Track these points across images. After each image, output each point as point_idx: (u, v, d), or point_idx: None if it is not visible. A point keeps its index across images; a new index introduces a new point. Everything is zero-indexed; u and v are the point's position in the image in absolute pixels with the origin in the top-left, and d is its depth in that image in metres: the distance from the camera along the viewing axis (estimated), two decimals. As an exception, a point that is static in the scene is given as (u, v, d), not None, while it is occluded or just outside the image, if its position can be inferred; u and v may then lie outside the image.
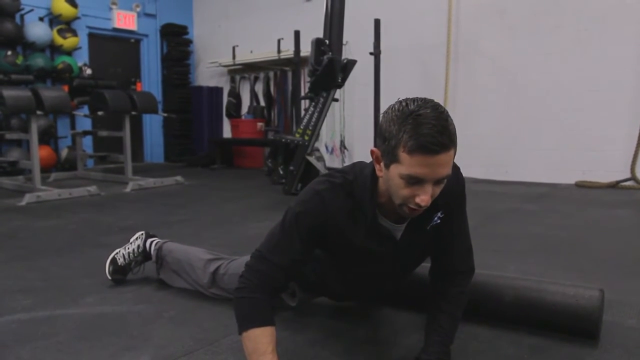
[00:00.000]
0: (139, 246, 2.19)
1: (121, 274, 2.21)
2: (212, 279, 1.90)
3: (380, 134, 1.21)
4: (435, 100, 1.20)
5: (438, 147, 1.12)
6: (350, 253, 1.43)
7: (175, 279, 2.09)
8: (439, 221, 1.41)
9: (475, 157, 5.72)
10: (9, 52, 6.41)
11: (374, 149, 1.26)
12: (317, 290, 1.75)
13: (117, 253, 2.22)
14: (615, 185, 4.99)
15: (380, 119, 1.22)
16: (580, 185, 5.16)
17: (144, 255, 2.19)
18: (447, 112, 1.17)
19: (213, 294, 1.94)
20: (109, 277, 2.19)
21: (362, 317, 1.85)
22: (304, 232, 1.35)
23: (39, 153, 5.05)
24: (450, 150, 1.15)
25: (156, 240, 2.20)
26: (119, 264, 2.19)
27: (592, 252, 2.73)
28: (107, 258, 2.22)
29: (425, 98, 1.20)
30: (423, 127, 1.12)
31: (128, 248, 2.21)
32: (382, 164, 1.24)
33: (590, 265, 2.47)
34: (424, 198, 1.19)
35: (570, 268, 2.42)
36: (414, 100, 1.19)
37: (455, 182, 1.39)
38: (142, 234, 2.24)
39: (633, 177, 4.96)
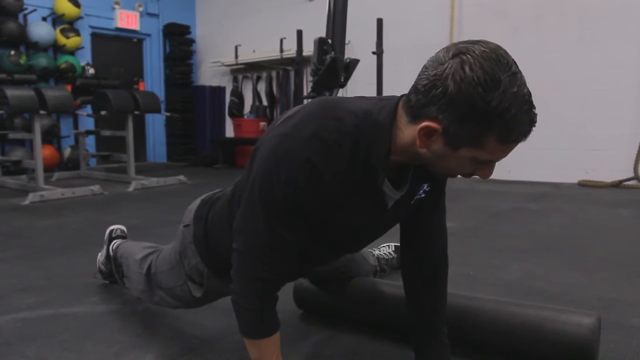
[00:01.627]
0: (105, 256, 2.05)
1: (111, 277, 2.09)
2: (147, 281, 1.64)
3: (454, 103, 0.92)
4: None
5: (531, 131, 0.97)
6: (331, 222, 1.16)
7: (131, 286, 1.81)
8: (423, 195, 1.22)
9: (478, 157, 5.72)
10: (12, 52, 6.42)
11: (432, 124, 0.96)
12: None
13: (98, 260, 2.13)
14: (618, 185, 4.98)
15: (447, 70, 0.93)
16: (583, 184, 5.16)
17: (110, 262, 2.01)
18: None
19: (158, 302, 1.66)
20: (105, 282, 2.17)
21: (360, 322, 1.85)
22: (296, 209, 1.07)
23: (42, 152, 5.07)
24: None
25: (116, 243, 1.98)
26: (104, 271, 2.11)
27: (595, 252, 2.73)
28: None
29: (494, 48, 0.96)
30: (525, 113, 0.94)
31: (103, 254, 2.10)
32: (437, 140, 0.98)
33: (593, 265, 2.47)
34: (488, 173, 1.03)
35: (573, 267, 2.42)
36: (489, 56, 0.93)
37: None
38: (106, 237, 2.06)
39: (636, 177, 4.95)
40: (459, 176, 1.07)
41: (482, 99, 0.90)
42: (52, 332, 1.71)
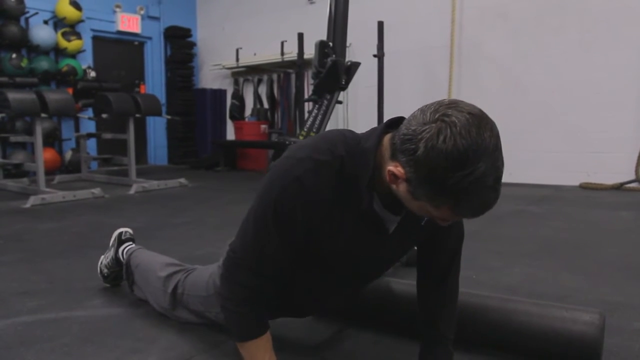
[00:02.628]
0: (112, 258, 2.07)
1: (113, 280, 2.14)
2: (172, 300, 1.71)
3: (419, 164, 0.95)
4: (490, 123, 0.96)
5: (485, 212, 1.00)
6: (330, 247, 1.21)
7: (146, 297, 1.89)
8: None
9: (479, 159, 5.72)
10: (14, 55, 6.43)
11: (397, 170, 1.01)
12: (276, 307, 1.44)
13: (101, 263, 2.15)
14: (619, 187, 4.98)
15: (425, 134, 0.94)
16: (584, 187, 5.15)
17: (119, 266, 2.05)
18: (500, 145, 0.96)
19: (179, 318, 1.74)
20: (106, 285, 2.17)
21: (367, 319, 1.84)
22: (285, 225, 1.14)
23: (43, 155, 5.07)
24: None
25: (127, 247, 2.02)
26: (105, 274, 2.13)
27: (597, 254, 2.72)
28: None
29: (485, 118, 0.96)
30: (480, 198, 0.95)
31: (108, 257, 2.11)
32: (402, 184, 1.02)
33: (595, 268, 2.46)
34: (444, 223, 1.08)
35: (575, 270, 2.42)
36: (477, 128, 0.93)
37: None
38: (115, 239, 2.09)
39: (637, 179, 4.94)
40: None
41: (443, 173, 0.93)
42: (53, 336, 1.70)
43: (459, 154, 0.91)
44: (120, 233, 2.11)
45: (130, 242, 2.08)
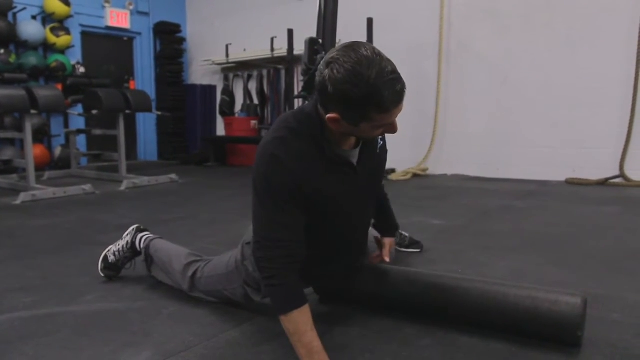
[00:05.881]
0: (127, 242, 2.21)
1: (112, 270, 2.25)
2: (191, 283, 1.94)
3: (336, 99, 1.28)
4: (382, 58, 1.28)
5: (403, 96, 1.30)
6: (320, 199, 1.46)
7: (164, 277, 2.13)
8: (382, 142, 1.63)
9: (467, 155, 5.80)
10: (2, 51, 6.38)
11: (333, 115, 1.32)
12: None
13: (108, 250, 2.26)
14: (604, 183, 5.06)
15: (325, 78, 1.27)
16: (570, 182, 5.23)
17: (132, 251, 2.21)
18: (378, 51, 1.28)
19: (195, 297, 1.97)
20: (101, 274, 2.25)
21: (361, 312, 1.89)
22: (285, 193, 1.39)
23: (33, 152, 5.06)
24: None
25: (146, 235, 2.21)
26: (110, 261, 2.24)
27: (581, 249, 2.78)
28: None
29: (356, 43, 1.29)
30: (388, 89, 1.25)
31: (119, 244, 2.23)
32: (343, 122, 1.32)
33: (579, 261, 2.53)
34: (393, 130, 1.37)
35: (560, 264, 2.48)
36: (354, 51, 1.25)
37: None
38: (134, 229, 2.25)
39: (622, 175, 5.03)
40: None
41: (353, 91, 1.24)
42: (49, 330, 1.74)
43: (356, 69, 1.23)
44: (138, 226, 2.27)
45: (148, 233, 2.24)
